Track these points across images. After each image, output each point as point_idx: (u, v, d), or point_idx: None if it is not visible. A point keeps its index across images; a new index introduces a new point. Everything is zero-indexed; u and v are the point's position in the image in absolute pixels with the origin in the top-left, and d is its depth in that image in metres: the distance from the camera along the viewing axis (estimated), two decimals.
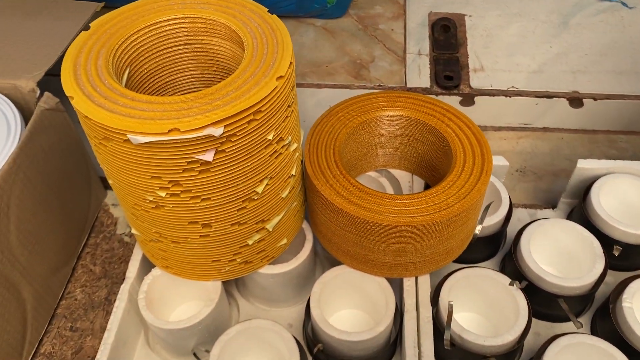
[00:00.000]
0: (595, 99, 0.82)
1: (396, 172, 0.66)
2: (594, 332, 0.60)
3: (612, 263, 0.61)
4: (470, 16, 0.92)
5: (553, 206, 0.71)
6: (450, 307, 0.54)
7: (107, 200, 0.78)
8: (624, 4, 0.92)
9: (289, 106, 0.48)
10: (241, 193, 0.48)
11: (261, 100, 0.43)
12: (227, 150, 0.44)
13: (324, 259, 0.67)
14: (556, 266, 0.62)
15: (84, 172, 0.71)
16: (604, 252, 0.58)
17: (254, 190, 0.49)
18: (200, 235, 0.51)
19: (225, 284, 0.62)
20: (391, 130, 0.62)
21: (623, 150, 0.83)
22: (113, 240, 0.74)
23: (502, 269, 0.65)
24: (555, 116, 0.84)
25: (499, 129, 0.86)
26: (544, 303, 0.58)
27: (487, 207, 0.61)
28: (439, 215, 0.51)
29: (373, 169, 0.66)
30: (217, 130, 0.42)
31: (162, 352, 0.60)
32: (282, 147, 0.49)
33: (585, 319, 0.61)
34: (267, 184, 0.50)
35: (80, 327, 0.65)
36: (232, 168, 0.45)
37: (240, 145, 0.44)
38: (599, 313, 0.60)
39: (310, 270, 0.62)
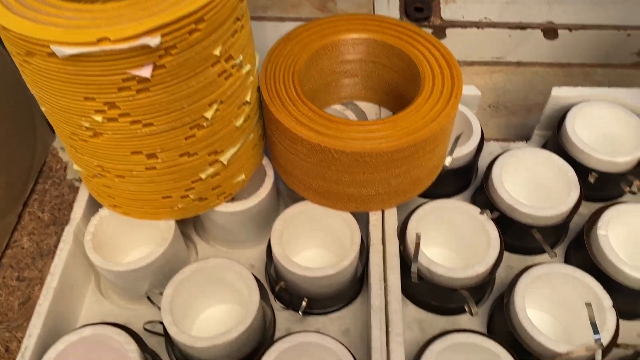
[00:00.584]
0: (570, 30, 0.78)
1: (363, 105, 0.62)
2: (568, 263, 0.58)
3: (587, 194, 0.59)
4: None
5: (527, 139, 0.69)
6: (418, 238, 0.51)
7: (56, 144, 0.73)
8: None
9: (238, 19, 0.43)
10: (188, 118, 0.44)
11: (203, 7, 0.38)
12: (167, 65, 0.39)
13: (287, 198, 0.63)
14: (530, 196, 0.60)
15: (27, 112, 0.65)
16: (579, 181, 0.56)
17: (203, 116, 0.45)
18: (146, 167, 0.46)
19: (182, 225, 0.58)
20: (356, 55, 0.57)
21: (599, 84, 0.80)
22: (63, 185, 0.69)
23: (474, 203, 0.62)
24: (530, 49, 0.80)
25: (472, 63, 0.82)
26: (517, 235, 0.56)
27: (457, 138, 0.58)
28: (405, 140, 0.47)
29: (338, 101, 0.62)
30: (154, 40, 0.37)
31: (115, 298, 0.56)
32: (233, 67, 0.45)
33: (559, 251, 0.59)
34: (217, 110, 0.45)
35: (28, 277, 0.61)
36: (174, 87, 0.41)
37: (182, 59, 0.40)
38: (574, 244, 0.58)
39: (271, 209, 0.58)
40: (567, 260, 0.58)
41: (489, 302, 0.55)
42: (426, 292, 0.53)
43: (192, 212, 0.53)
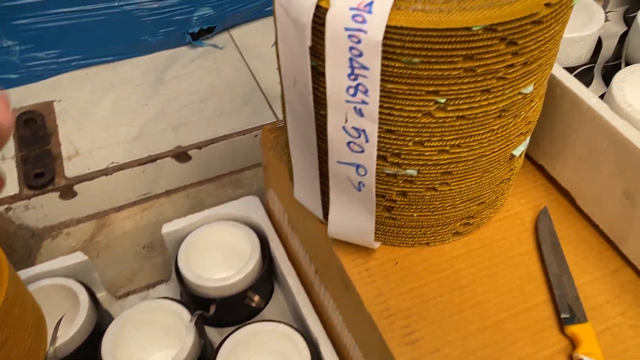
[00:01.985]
0: (200, 148, 0.79)
1: None
2: None
3: (222, 321, 0.56)
4: (59, 101, 0.84)
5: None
6: None
7: None
8: (214, 46, 0.93)
9: None
10: None
11: None
12: None
13: None
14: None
15: None
16: (194, 323, 0.53)
17: None
18: None
19: None
20: None
21: (249, 186, 0.82)
22: None
23: None
24: (172, 176, 0.79)
25: (120, 208, 0.78)
26: None
27: (59, 322, 0.52)
28: None
29: None
30: None
31: None
32: None
33: None
34: None
35: None
36: None
37: None
38: None
39: None
40: None
41: None
42: None
43: None
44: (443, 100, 0.35)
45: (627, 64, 0.53)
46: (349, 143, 0.37)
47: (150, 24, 0.87)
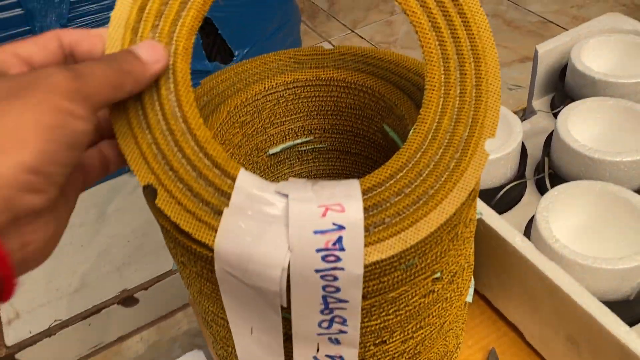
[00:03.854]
0: (146, 288, 0.75)
1: None
2: None
3: None
4: None
5: None
6: None
7: None
8: None
9: None
10: None
11: None
12: None
13: None
14: None
15: None
16: None
17: None
18: None
19: None
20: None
21: None
22: None
23: None
24: (122, 322, 0.75)
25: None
26: None
27: None
28: None
29: None
30: None
31: None
32: None
33: None
34: None
35: None
36: None
37: None
38: None
39: None
40: None
41: None
42: None
43: None
44: (438, 274, 0.32)
45: (553, 175, 0.50)
46: None
47: None
